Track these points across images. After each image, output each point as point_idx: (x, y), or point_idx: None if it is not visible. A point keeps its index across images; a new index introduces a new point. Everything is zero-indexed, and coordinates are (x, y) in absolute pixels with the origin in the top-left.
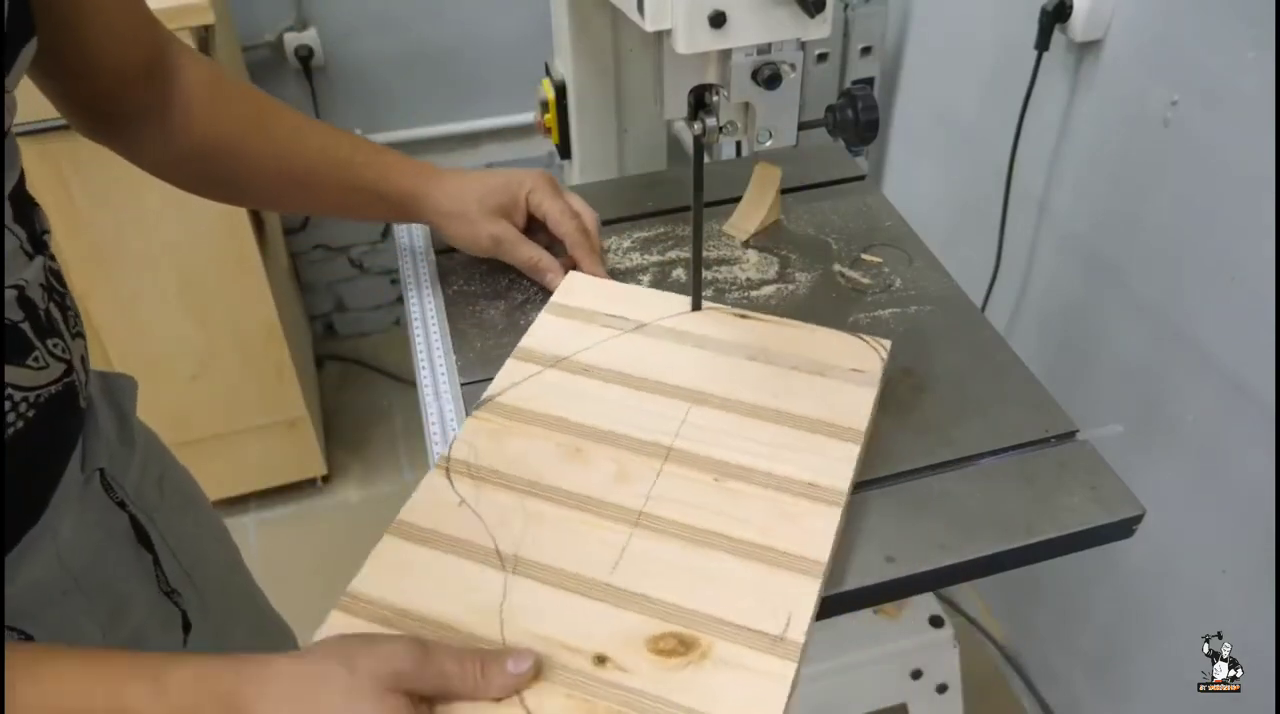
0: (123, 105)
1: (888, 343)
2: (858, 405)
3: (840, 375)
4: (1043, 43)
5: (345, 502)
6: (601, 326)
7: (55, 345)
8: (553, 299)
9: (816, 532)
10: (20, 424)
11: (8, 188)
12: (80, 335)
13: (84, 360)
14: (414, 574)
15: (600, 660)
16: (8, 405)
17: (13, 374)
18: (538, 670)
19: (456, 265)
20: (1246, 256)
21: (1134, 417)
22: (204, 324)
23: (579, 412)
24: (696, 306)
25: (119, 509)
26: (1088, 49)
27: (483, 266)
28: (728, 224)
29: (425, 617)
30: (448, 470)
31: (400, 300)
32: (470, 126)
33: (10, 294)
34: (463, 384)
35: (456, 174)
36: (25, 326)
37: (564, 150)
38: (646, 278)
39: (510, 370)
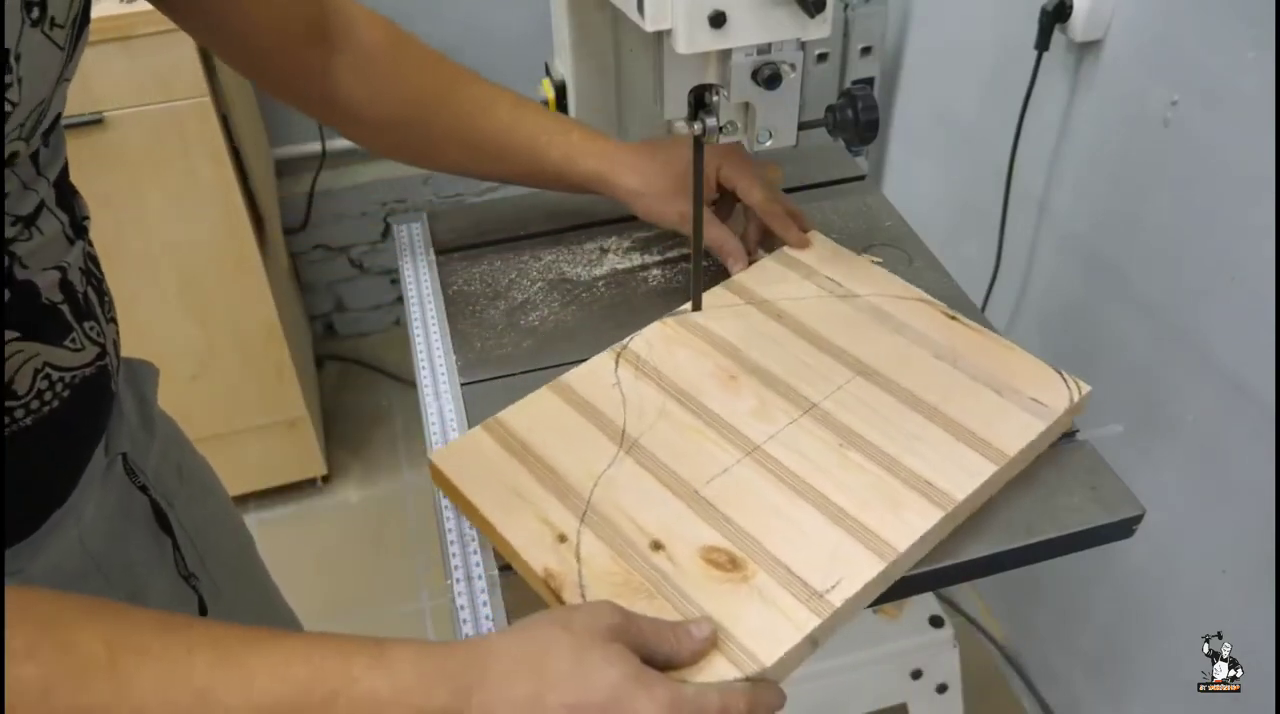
0: (290, 66)
1: (1087, 388)
2: (1019, 431)
3: (1017, 400)
4: (1043, 43)
5: (345, 502)
6: (816, 285)
7: (91, 328)
8: (783, 249)
9: (909, 524)
10: (56, 403)
11: (54, 174)
12: (113, 321)
13: (115, 345)
14: (550, 422)
15: (656, 546)
16: (44, 385)
17: (51, 355)
18: (714, 640)
19: (456, 265)
20: (1246, 256)
21: (1134, 417)
22: (204, 324)
23: (753, 347)
24: (696, 307)
25: (140, 493)
26: (1088, 49)
27: (483, 266)
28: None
29: (541, 456)
30: (618, 356)
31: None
32: None
33: (53, 277)
34: (463, 384)
35: (643, 150)
36: (65, 308)
37: None
38: (647, 278)
39: (716, 295)
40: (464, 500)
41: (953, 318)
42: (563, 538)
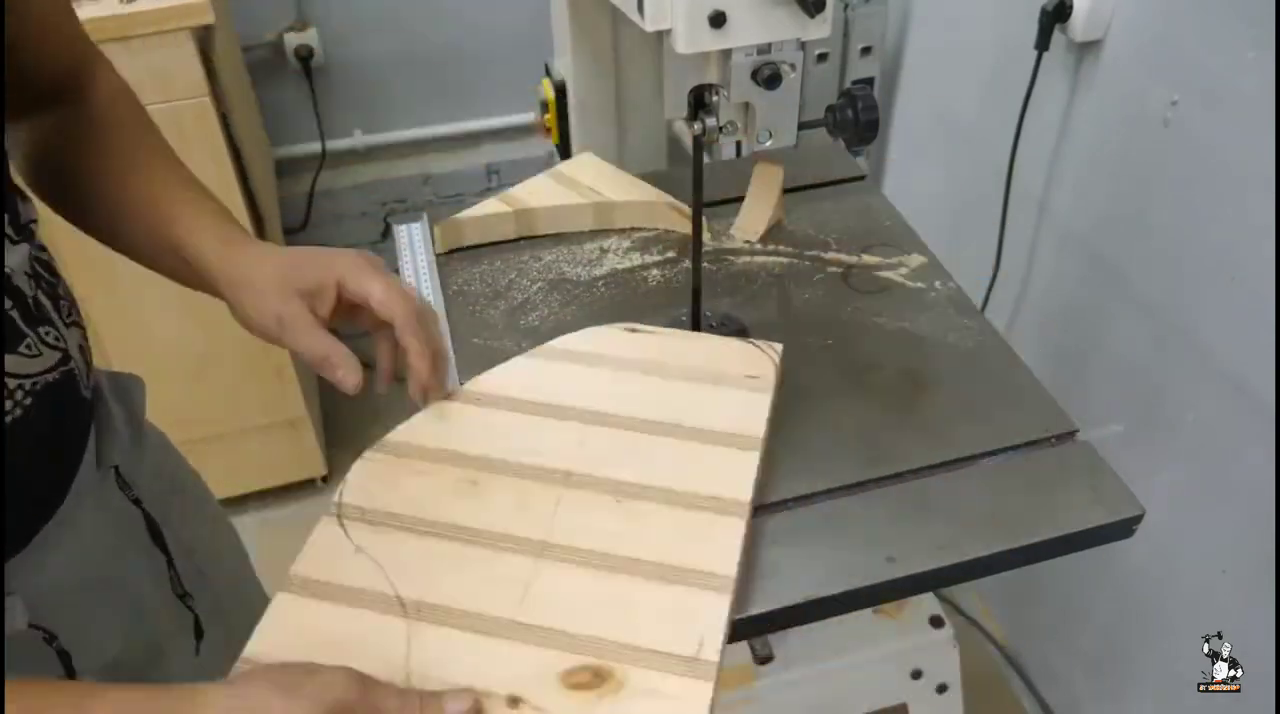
0: (29, 117)
1: (779, 347)
2: (754, 413)
3: (735, 382)
4: (1043, 43)
5: None
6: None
7: (47, 333)
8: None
9: (723, 546)
10: (19, 411)
11: None
12: (76, 324)
13: (82, 349)
14: (313, 634)
15: (514, 703)
16: (4, 393)
17: (6, 362)
18: (478, 711)
19: (456, 265)
20: (1246, 256)
21: (1134, 417)
22: (204, 324)
23: (472, 443)
24: (696, 307)
25: (134, 506)
26: (1088, 49)
27: (483, 266)
28: (735, 227)
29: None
30: (339, 518)
31: None
32: (470, 126)
33: None
34: (463, 384)
35: (264, 245)
36: (14, 314)
37: (564, 150)
38: (647, 278)
39: (409, 423)
40: None
41: (633, 331)
42: None
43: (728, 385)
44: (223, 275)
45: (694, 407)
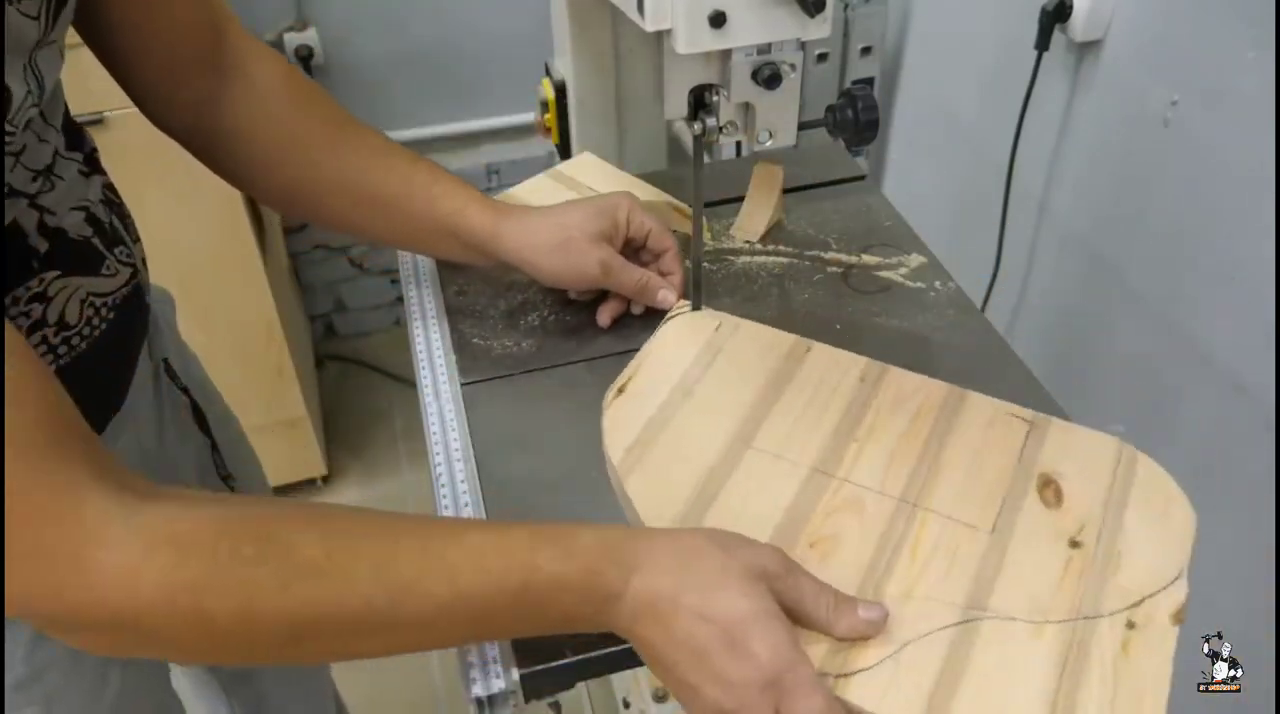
0: (177, 94)
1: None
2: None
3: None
4: (1043, 43)
5: (345, 502)
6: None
7: (121, 252)
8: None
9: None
10: (104, 326)
11: (59, 121)
12: (138, 239)
13: (143, 261)
14: None
15: None
16: (90, 312)
17: (92, 284)
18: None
19: (456, 265)
20: (1246, 256)
21: (1134, 417)
22: (204, 324)
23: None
24: (696, 307)
25: (183, 394)
26: (1088, 49)
27: (483, 266)
28: (735, 227)
29: None
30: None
31: (400, 300)
32: (470, 126)
33: (78, 216)
34: (463, 384)
35: (540, 209)
36: (96, 241)
37: (564, 150)
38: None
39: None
40: None
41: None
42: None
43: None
44: (525, 245)
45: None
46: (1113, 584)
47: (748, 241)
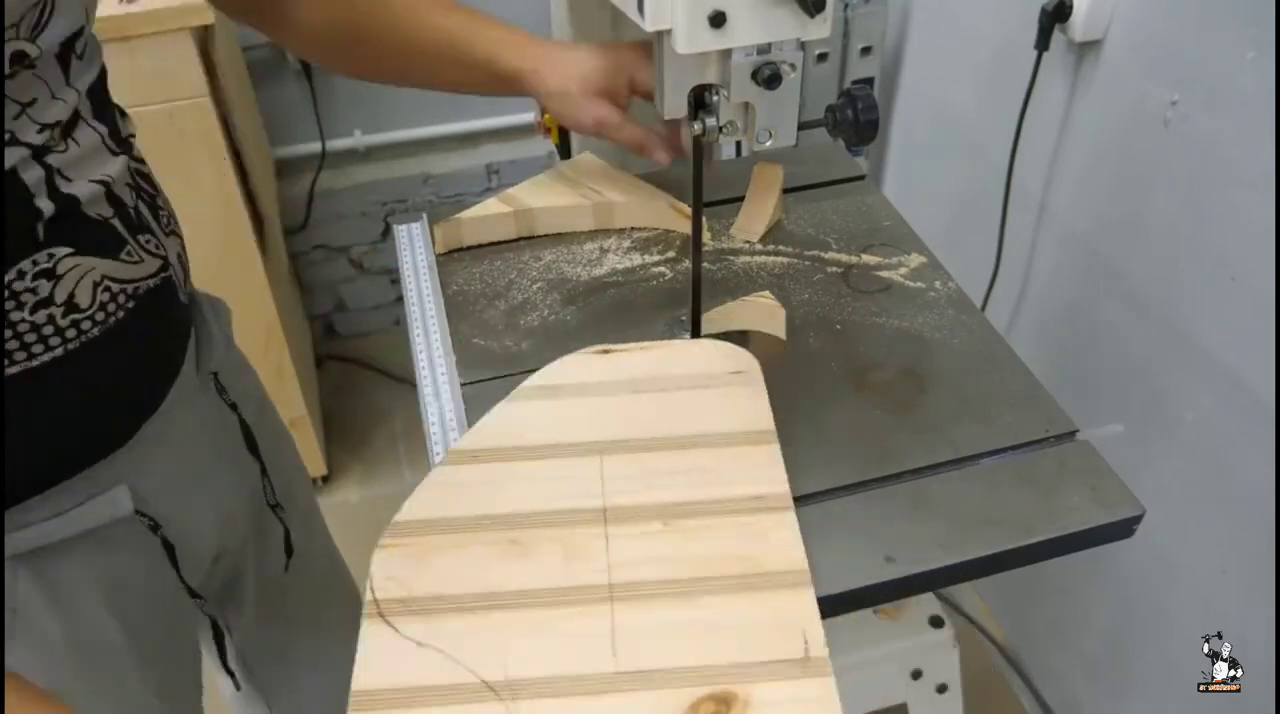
0: None
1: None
2: (756, 405)
3: (725, 381)
4: (1043, 43)
5: (345, 502)
6: None
7: (148, 241)
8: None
9: (786, 542)
10: (121, 315)
11: (85, 86)
12: (175, 234)
13: (180, 258)
14: None
15: None
16: (106, 297)
17: (108, 268)
18: None
19: (456, 266)
20: (1246, 256)
21: (1134, 417)
22: None
23: (493, 503)
24: (696, 307)
25: (232, 412)
26: (1088, 49)
27: (483, 266)
28: (735, 227)
29: None
30: (381, 615)
31: (400, 300)
32: (470, 126)
33: (96, 189)
34: (463, 384)
35: (562, 51)
36: (115, 222)
37: (564, 150)
38: (647, 278)
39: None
40: None
41: (605, 351)
42: None
43: (719, 385)
44: (540, 88)
45: (696, 414)
46: None
47: (748, 241)
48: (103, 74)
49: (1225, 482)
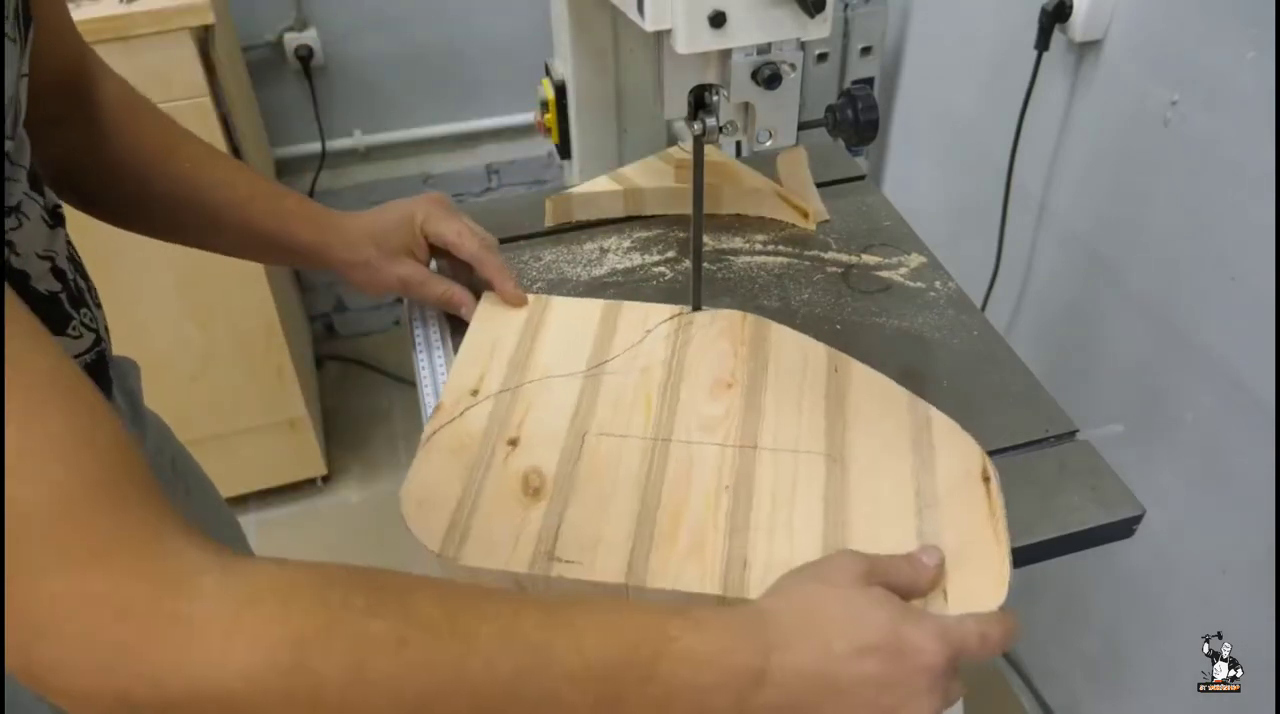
0: (37, 111)
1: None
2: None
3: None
4: (1043, 43)
5: (345, 502)
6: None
7: (85, 314)
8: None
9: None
10: None
11: (27, 164)
12: (100, 306)
13: (106, 330)
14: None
15: None
16: None
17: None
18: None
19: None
20: (1246, 256)
21: (1134, 417)
22: (204, 324)
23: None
24: (696, 306)
25: None
26: (1088, 49)
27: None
28: (810, 218)
29: None
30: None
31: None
32: (470, 126)
33: (43, 266)
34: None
35: (352, 220)
36: (62, 297)
37: (564, 150)
38: (647, 277)
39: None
40: None
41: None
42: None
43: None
44: (336, 261)
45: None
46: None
47: (824, 221)
48: (30, 146)
49: (1225, 482)
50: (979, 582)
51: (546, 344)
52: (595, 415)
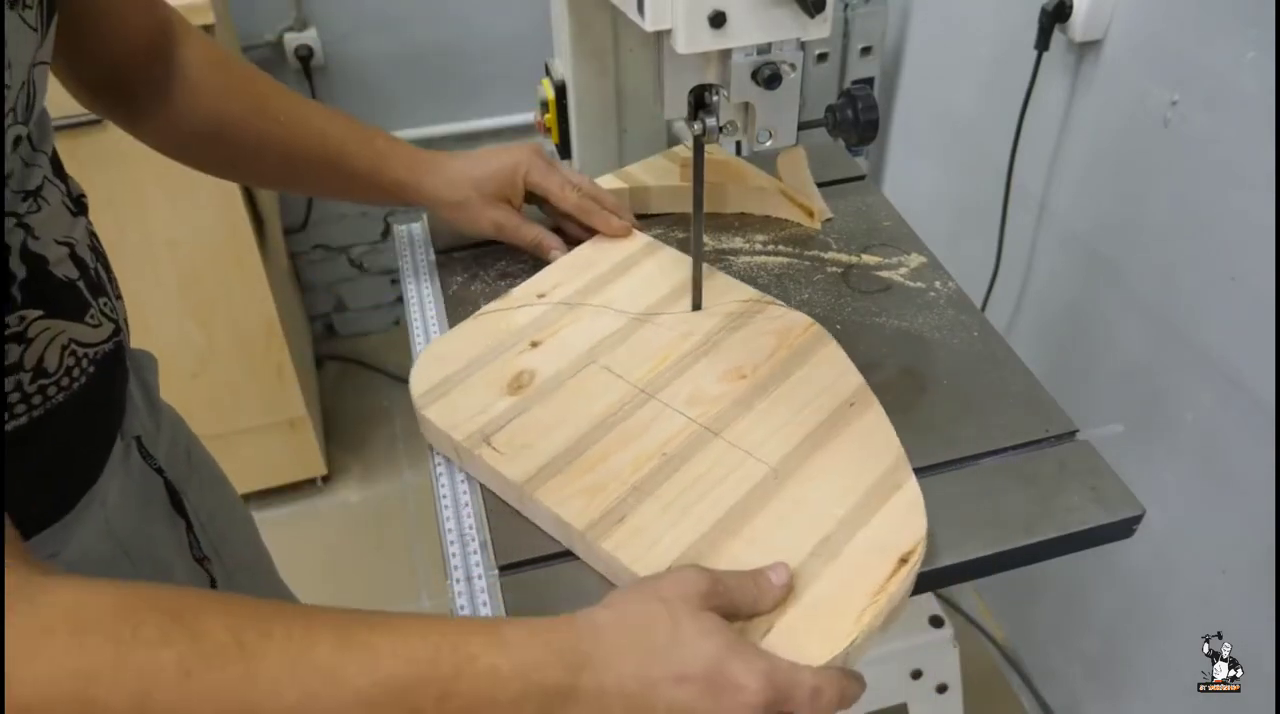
0: (129, 81)
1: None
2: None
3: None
4: (1043, 43)
5: (345, 502)
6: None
7: (105, 304)
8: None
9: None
10: (84, 380)
11: (49, 149)
12: (120, 297)
13: (126, 322)
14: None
15: None
16: (71, 361)
17: (75, 331)
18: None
19: (456, 264)
20: (1246, 256)
21: (1134, 417)
22: (204, 324)
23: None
24: (696, 306)
25: (156, 475)
26: (1088, 49)
27: (483, 265)
28: (816, 216)
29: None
30: None
31: (400, 300)
32: (470, 126)
33: (62, 251)
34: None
35: (450, 161)
36: (80, 284)
37: (564, 150)
38: None
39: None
40: None
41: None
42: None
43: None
44: (431, 199)
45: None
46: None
47: (827, 220)
48: (53, 132)
49: (1225, 482)
50: (809, 638)
51: (627, 280)
52: (614, 352)
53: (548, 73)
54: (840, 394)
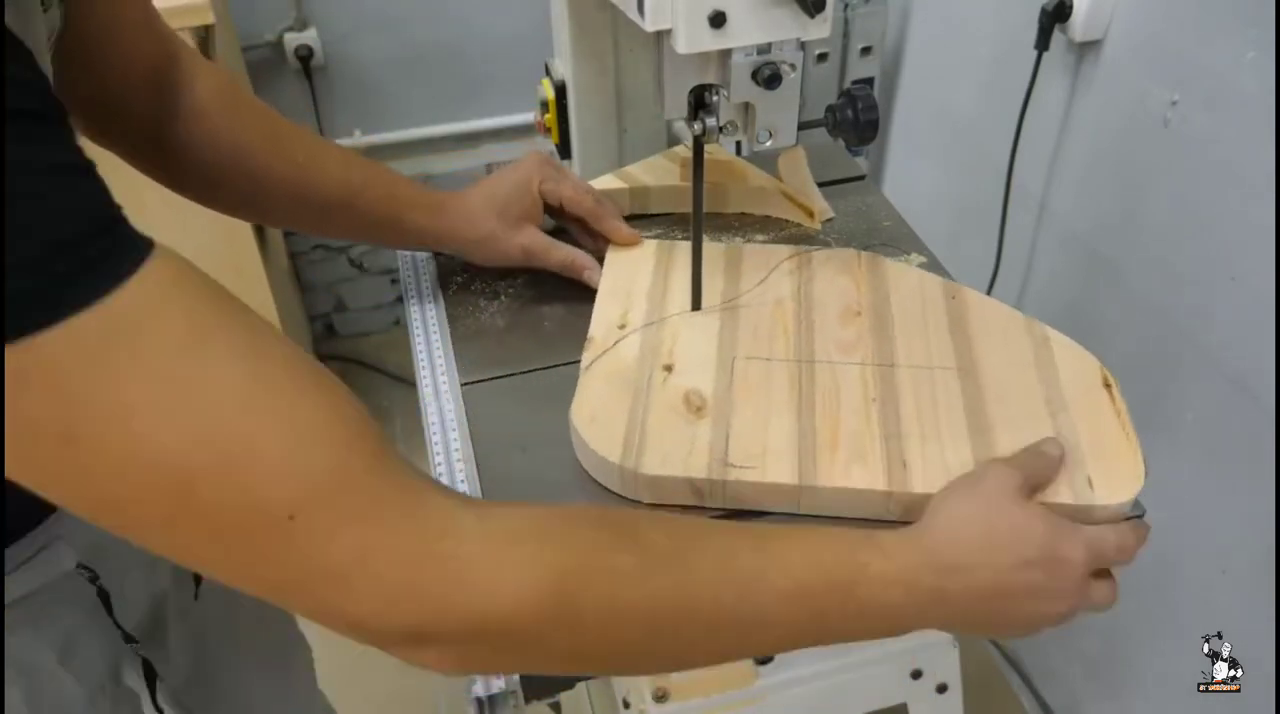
0: (129, 109)
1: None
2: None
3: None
4: (1043, 43)
5: None
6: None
7: None
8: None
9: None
10: None
11: None
12: None
13: None
14: None
15: None
16: None
17: None
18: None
19: (456, 265)
20: (1246, 256)
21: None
22: None
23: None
24: (696, 306)
25: None
26: (1088, 49)
27: (483, 266)
28: (817, 216)
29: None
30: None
31: (400, 300)
32: (470, 126)
33: None
34: (463, 384)
35: (467, 196)
36: None
37: (564, 150)
38: None
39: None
40: None
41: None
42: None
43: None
44: (459, 241)
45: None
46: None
47: (828, 220)
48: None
49: (1225, 482)
50: (1118, 472)
51: (679, 283)
52: (739, 343)
53: (548, 73)
54: (936, 295)
